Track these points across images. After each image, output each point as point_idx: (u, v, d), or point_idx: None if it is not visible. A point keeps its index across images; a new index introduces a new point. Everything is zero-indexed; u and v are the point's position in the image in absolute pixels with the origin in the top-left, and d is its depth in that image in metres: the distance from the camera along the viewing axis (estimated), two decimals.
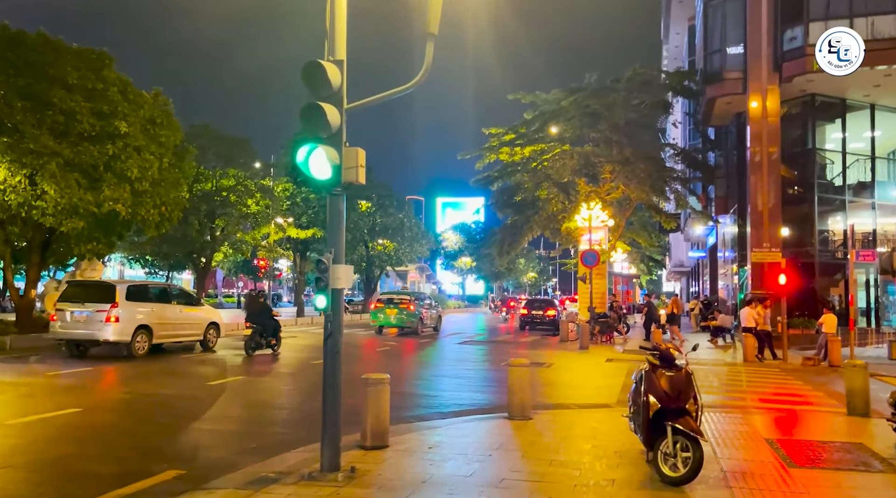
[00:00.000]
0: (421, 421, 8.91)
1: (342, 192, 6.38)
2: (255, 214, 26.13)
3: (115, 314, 14.95)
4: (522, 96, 30.48)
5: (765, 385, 13.80)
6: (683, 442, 5.99)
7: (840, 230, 25.61)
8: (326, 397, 6.29)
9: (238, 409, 10.23)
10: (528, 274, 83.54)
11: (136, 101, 18.45)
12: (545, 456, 7.00)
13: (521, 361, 9.22)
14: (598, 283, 28.97)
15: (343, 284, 6.30)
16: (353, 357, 17.44)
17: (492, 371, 15.20)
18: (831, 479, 6.29)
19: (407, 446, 7.35)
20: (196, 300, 18.65)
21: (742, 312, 19.07)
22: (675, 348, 6.55)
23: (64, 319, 15.22)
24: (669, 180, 30.56)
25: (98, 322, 14.88)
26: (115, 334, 14.96)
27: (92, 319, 14.98)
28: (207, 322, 17.62)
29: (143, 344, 15.53)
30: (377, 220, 37.52)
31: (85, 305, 15.15)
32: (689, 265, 54.88)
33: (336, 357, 6.33)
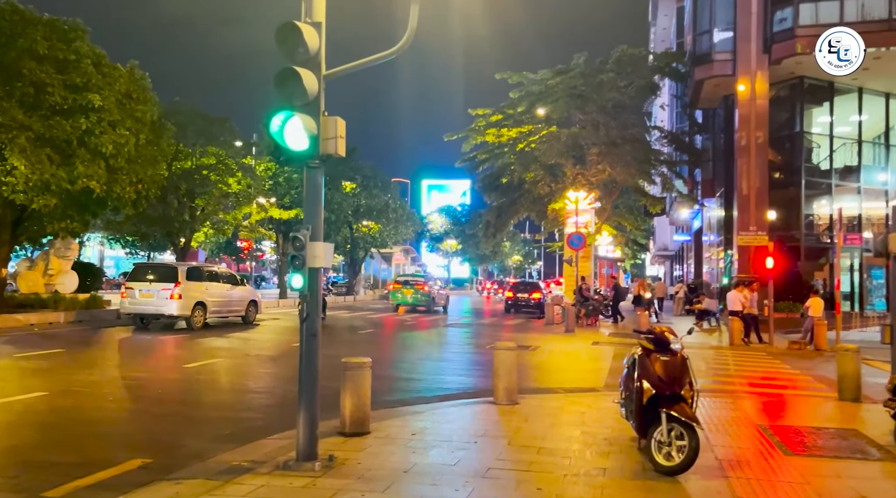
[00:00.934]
0: (404, 406, 8.60)
1: (320, 164, 5.99)
2: (237, 194, 25.55)
3: (178, 292, 17.39)
4: (510, 76, 30.02)
5: (753, 369, 13.65)
6: (678, 429, 5.72)
7: (826, 214, 25.55)
8: (303, 382, 5.94)
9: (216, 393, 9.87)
10: (514, 257, 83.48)
11: (111, 74, 17.79)
12: (533, 443, 6.72)
13: (507, 344, 8.92)
14: (584, 266, 28.82)
15: (321, 263, 5.92)
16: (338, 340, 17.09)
17: (477, 354, 14.92)
18: (829, 467, 6.06)
19: (389, 433, 7.04)
20: (239, 280, 20.82)
21: (729, 295, 18.92)
22: (669, 331, 6.26)
23: (133, 297, 17.65)
24: (656, 163, 30.36)
25: (164, 299, 17.32)
26: (178, 310, 17.47)
27: (158, 296, 17.37)
28: (248, 300, 20.30)
29: (199, 318, 17.98)
30: (362, 201, 36.99)
31: (151, 284, 17.56)
32: (674, 249, 54.98)
33: (313, 340, 5.97)
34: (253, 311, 20.42)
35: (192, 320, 17.66)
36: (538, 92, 29.03)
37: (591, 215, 29.06)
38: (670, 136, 32.92)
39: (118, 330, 17.94)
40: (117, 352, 14.02)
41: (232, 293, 19.64)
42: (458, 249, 67.51)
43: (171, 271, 18.09)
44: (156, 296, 17.40)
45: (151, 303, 17.48)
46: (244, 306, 20.04)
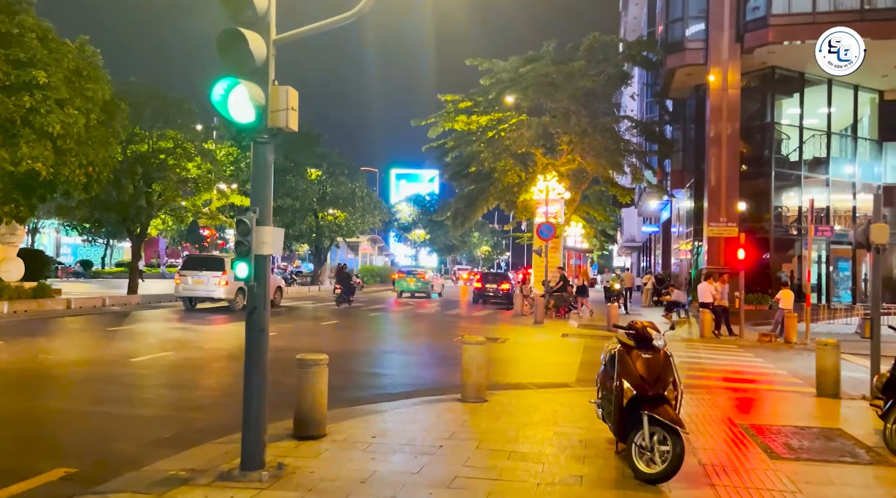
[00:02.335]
0: (366, 404, 8.02)
1: (269, 138, 5.35)
2: (196, 179, 24.48)
3: (226, 279, 20.44)
4: (480, 62, 29.41)
5: (725, 362, 13.38)
6: (661, 434, 5.26)
7: (795, 206, 25.55)
8: (250, 382, 5.33)
9: (160, 390, 9.16)
10: (482, 247, 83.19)
11: (59, 50, 16.73)
12: (503, 447, 6.20)
13: (476, 338, 8.40)
14: (553, 256, 28.47)
15: (270, 250, 5.30)
16: (300, 331, 16.43)
17: (445, 347, 14.38)
18: (820, 473, 5.66)
19: (347, 435, 6.46)
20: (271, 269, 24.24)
21: (700, 287, 18.70)
22: (652, 327, 5.78)
23: (186, 283, 20.91)
24: (626, 153, 30.10)
25: (213, 285, 20.56)
26: (224, 293, 20.70)
27: (208, 282, 20.56)
28: (276, 286, 23.74)
29: (241, 301, 20.18)
30: (327, 188, 36.10)
31: (202, 272, 20.73)
32: (641, 240, 55.14)
33: (261, 335, 5.36)
34: (279, 295, 24.11)
35: (234, 303, 20.85)
36: (508, 79, 28.48)
37: (560, 205, 28.70)
38: (641, 126, 32.68)
39: (72, 320, 17.04)
40: (64, 341, 13.16)
41: None
42: (426, 238, 66.85)
43: (220, 261, 21.33)
44: (206, 282, 20.56)
45: (202, 288, 20.66)
46: (273, 291, 21.59)
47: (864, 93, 25.69)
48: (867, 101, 26.09)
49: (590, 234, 43.80)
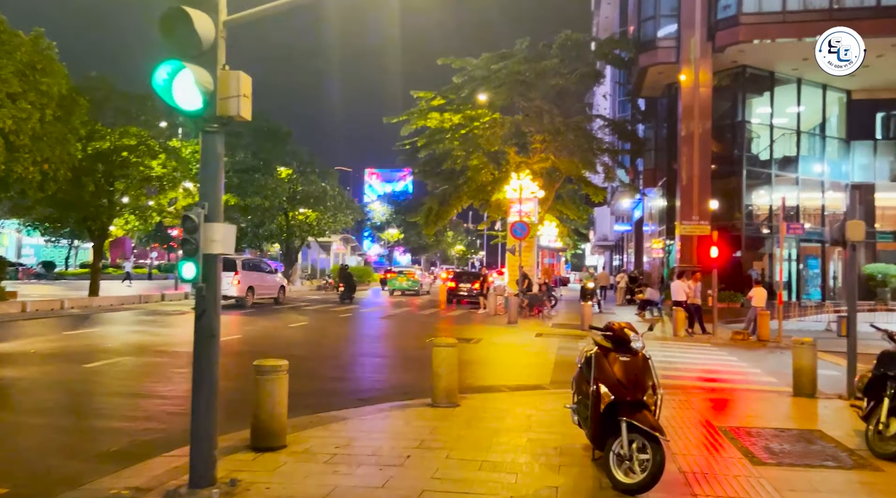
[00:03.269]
0: (331, 411, 7.62)
1: (219, 128, 4.95)
2: (161, 178, 23.78)
3: (238, 279, 22.66)
4: (452, 61, 29.08)
5: (699, 361, 13.22)
6: (640, 441, 4.97)
7: (765, 204, 25.64)
8: (199, 392, 4.93)
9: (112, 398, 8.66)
10: (456, 247, 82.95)
11: (11, 42, 16.04)
12: (475, 456, 5.87)
13: (447, 340, 8.06)
14: (527, 256, 28.28)
15: (220, 249, 4.91)
16: (266, 333, 15.94)
17: (416, 349, 14.01)
18: (803, 479, 5.42)
19: (309, 446, 6.08)
20: (274, 270, 27.21)
21: (673, 285, 18.59)
22: (629, 328, 5.50)
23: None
24: (599, 152, 30.03)
25: (227, 284, 21.69)
26: (237, 292, 22.61)
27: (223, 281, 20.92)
28: (280, 285, 26.34)
29: (251, 298, 23.46)
30: (298, 187, 35.48)
31: None
32: (613, 239, 55.35)
33: (211, 341, 4.96)
34: (282, 294, 26.37)
35: (245, 300, 22.96)
36: (481, 77, 28.22)
37: (534, 204, 28.52)
38: (613, 125, 32.65)
39: (26, 324, 16.32)
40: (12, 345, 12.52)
41: (270, 280, 25.65)
42: (399, 237, 66.34)
43: (232, 262, 22.77)
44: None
45: None
46: (276, 290, 25.98)
47: (833, 92, 25.89)
48: (835, 100, 26.30)
49: (563, 232, 43.76)
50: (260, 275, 24.90)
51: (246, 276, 23.30)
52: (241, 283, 22.66)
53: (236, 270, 22.69)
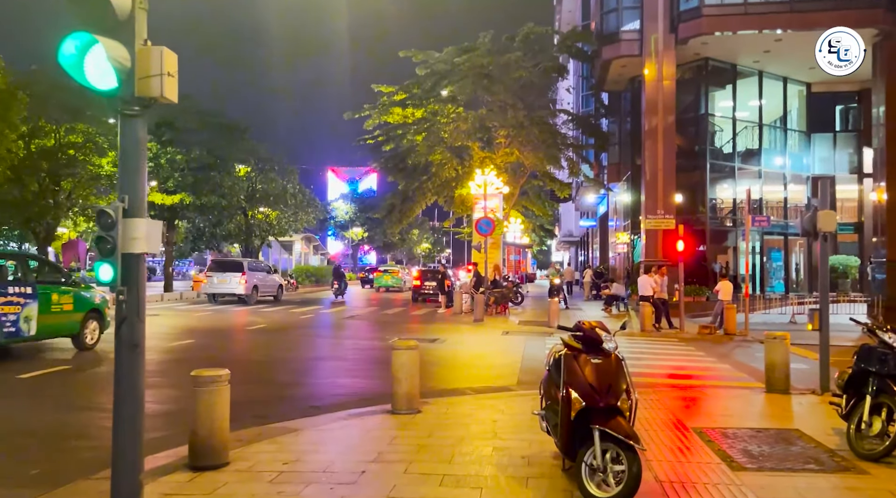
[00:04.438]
0: (282, 421, 7.08)
1: (140, 111, 4.36)
2: (111, 176, 22.75)
3: (245, 279, 25.16)
4: (414, 54, 28.54)
5: (668, 357, 12.97)
6: (615, 451, 4.55)
7: (729, 198, 25.72)
8: (121, 410, 4.35)
9: (43, 413, 7.96)
10: (422, 245, 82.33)
11: None
12: (436, 468, 5.40)
13: (408, 342, 7.57)
14: (493, 252, 27.94)
15: (143, 247, 4.32)
16: (221, 336, 15.24)
17: (378, 350, 13.48)
18: (787, 485, 5.07)
19: (254, 463, 5.54)
20: (274, 270, 30.00)
21: (640, 280, 18.39)
22: (601, 327, 5.08)
23: (212, 282, 25.41)
24: (563, 147, 29.82)
25: (234, 283, 25.00)
26: (244, 290, 25.13)
27: (230, 281, 25.05)
28: (278, 284, 29.04)
29: (255, 296, 25.94)
30: (257, 186, 34.55)
31: (225, 273, 25.29)
32: (578, 235, 55.46)
33: (134, 352, 4.37)
34: (281, 292, 29.07)
35: (251, 297, 25.38)
36: (444, 70, 27.74)
37: (499, 200, 28.17)
38: (577, 119, 32.48)
39: None
40: None
41: (270, 279, 28.21)
42: (364, 236, 65.46)
43: (239, 264, 26.14)
44: (229, 281, 25.04)
45: (226, 286, 25.12)
46: (276, 288, 28.64)
47: (793, 85, 26.08)
48: (796, 93, 26.51)
49: (528, 228, 43.59)
50: (262, 275, 27.47)
51: (251, 276, 25.71)
52: (247, 282, 25.10)
53: (243, 270, 25.22)
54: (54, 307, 11.39)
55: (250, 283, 25.34)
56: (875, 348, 5.90)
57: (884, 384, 5.70)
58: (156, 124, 27.41)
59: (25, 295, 10.82)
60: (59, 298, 11.55)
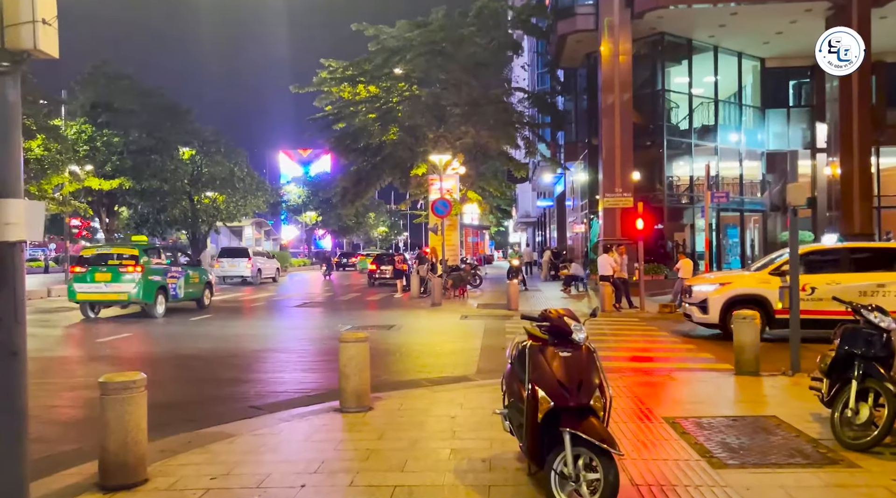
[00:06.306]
0: (216, 425, 6.36)
1: (11, 67, 3.57)
2: (41, 160, 21.34)
3: (251, 263, 29.96)
4: (366, 28, 27.56)
5: (630, 338, 12.60)
6: (588, 456, 3.99)
7: (686, 175, 25.57)
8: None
9: None
10: (379, 228, 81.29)
11: None
12: (386, 479, 4.78)
13: (356, 335, 6.91)
14: (450, 234, 27.36)
15: (21, 234, 3.56)
16: (159, 331, 14.32)
17: (330, 341, 12.74)
18: (774, 484, 4.60)
19: (177, 479, 4.82)
20: (273, 256, 35.47)
21: (600, 259, 18.05)
22: (569, 316, 4.50)
23: (223, 266, 29.74)
24: (519, 126, 29.29)
25: (242, 267, 29.89)
26: (250, 274, 29.88)
27: (238, 265, 29.89)
28: (276, 267, 33.66)
29: (259, 278, 30.56)
30: (202, 169, 33.12)
31: (234, 259, 30.13)
32: (535, 215, 55.26)
33: (13, 361, 3.62)
34: (277, 273, 33.91)
35: (255, 279, 30.11)
36: (396, 47, 26.84)
37: (455, 180, 27.56)
38: (533, 98, 31.97)
39: None
40: None
41: (269, 264, 32.70)
42: (318, 220, 64.05)
43: (245, 251, 31.52)
44: (238, 265, 29.81)
45: (235, 270, 29.84)
46: (274, 271, 33.21)
47: (748, 60, 25.98)
48: (750, 68, 26.42)
49: (485, 209, 43.12)
50: (264, 259, 32.36)
51: (255, 260, 30.52)
52: (252, 266, 29.84)
53: (249, 256, 30.39)
54: (191, 280, 18.07)
55: (255, 266, 30.03)
56: (860, 329, 5.49)
57: (870, 368, 5.28)
58: (91, 105, 25.88)
59: (178, 273, 17.43)
60: (193, 275, 18.26)
